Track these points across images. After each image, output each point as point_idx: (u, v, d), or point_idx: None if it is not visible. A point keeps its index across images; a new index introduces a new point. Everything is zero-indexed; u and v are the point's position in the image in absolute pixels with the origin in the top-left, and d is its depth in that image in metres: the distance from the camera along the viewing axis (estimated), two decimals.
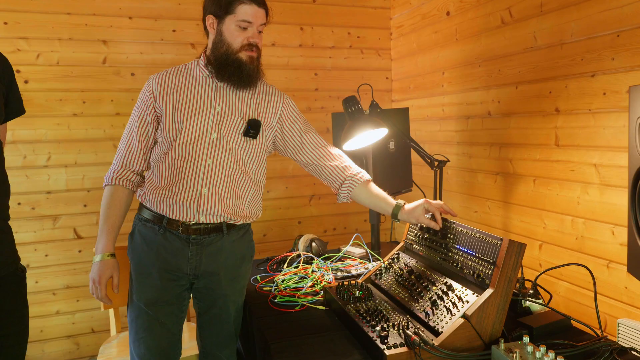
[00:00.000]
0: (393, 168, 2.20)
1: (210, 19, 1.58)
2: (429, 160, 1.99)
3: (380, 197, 1.65)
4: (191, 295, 1.68)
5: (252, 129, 1.63)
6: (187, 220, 1.56)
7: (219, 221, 1.58)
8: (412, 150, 2.22)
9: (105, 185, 1.62)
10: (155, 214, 1.58)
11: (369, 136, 1.91)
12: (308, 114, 3.06)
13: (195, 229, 1.57)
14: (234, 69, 1.56)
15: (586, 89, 1.74)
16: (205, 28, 1.63)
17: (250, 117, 1.63)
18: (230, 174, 1.59)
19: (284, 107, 1.71)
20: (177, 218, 1.56)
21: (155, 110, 1.62)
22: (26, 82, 2.52)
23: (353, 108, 1.90)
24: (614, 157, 1.65)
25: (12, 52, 2.48)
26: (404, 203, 1.61)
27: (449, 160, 2.10)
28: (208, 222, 1.57)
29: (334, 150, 1.73)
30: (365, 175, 1.69)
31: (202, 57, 1.65)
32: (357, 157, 2.14)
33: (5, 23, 2.48)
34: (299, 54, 3.02)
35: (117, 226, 1.60)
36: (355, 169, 1.70)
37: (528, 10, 1.97)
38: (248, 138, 1.62)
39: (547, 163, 1.93)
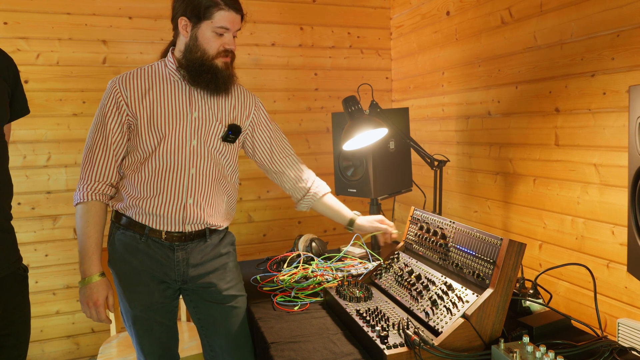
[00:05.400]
0: (393, 168, 2.20)
1: (183, 21, 1.50)
2: (429, 160, 1.99)
3: (336, 209, 1.83)
4: (190, 309, 1.70)
5: (233, 134, 1.62)
6: (172, 230, 1.55)
7: (202, 228, 1.60)
8: (412, 150, 2.22)
9: (78, 203, 1.51)
10: (136, 222, 1.55)
11: (369, 136, 1.90)
12: (308, 114, 3.06)
13: (178, 236, 1.56)
14: (211, 77, 1.51)
15: (586, 88, 1.74)
16: (175, 28, 1.55)
17: (229, 122, 1.62)
18: (214, 181, 1.60)
19: (256, 110, 1.71)
20: (160, 229, 1.55)
21: (128, 117, 1.52)
22: (26, 82, 2.52)
23: (353, 108, 1.89)
24: (614, 157, 1.65)
25: (12, 52, 2.48)
26: (359, 215, 1.82)
27: (449, 160, 2.10)
28: (192, 230, 1.58)
29: (298, 160, 1.81)
30: (325, 188, 1.82)
31: (169, 58, 1.58)
32: (357, 157, 2.14)
33: (5, 23, 2.48)
34: (299, 54, 3.02)
35: (100, 244, 1.52)
36: (317, 181, 1.82)
37: (528, 10, 1.97)
38: (226, 143, 1.62)
39: (547, 163, 1.93)
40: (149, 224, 1.54)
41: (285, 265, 2.01)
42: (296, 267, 1.95)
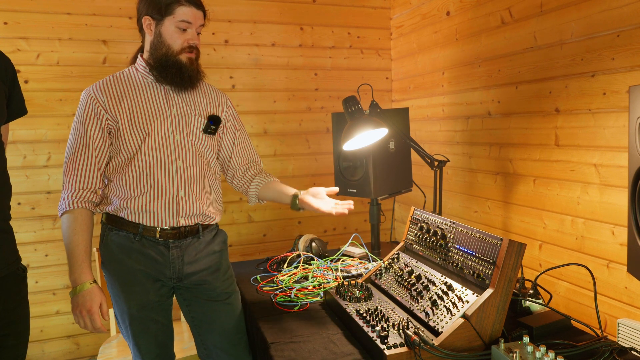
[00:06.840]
0: (393, 168, 2.20)
1: (147, 21, 1.54)
2: (429, 160, 1.99)
3: (280, 190, 1.72)
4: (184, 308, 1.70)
5: (214, 124, 1.66)
6: (166, 225, 1.57)
7: (195, 222, 1.61)
8: (412, 150, 2.22)
9: (63, 213, 1.50)
10: (129, 222, 1.55)
11: (369, 136, 1.90)
12: (308, 114, 3.06)
13: (173, 234, 1.58)
14: (175, 71, 1.55)
15: (586, 89, 1.74)
16: (140, 30, 1.59)
17: (208, 114, 1.66)
18: (201, 173, 1.63)
19: (227, 109, 1.75)
20: (154, 225, 1.56)
21: (108, 121, 1.54)
22: (26, 82, 2.52)
23: (353, 108, 1.89)
24: (614, 157, 1.65)
25: (12, 52, 2.48)
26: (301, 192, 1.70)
27: (449, 160, 2.10)
28: (187, 224, 1.59)
29: (258, 167, 1.80)
30: (273, 177, 1.79)
31: (139, 62, 1.62)
32: (357, 157, 2.14)
33: (5, 23, 2.48)
34: (299, 54, 3.02)
35: (89, 252, 1.52)
36: (264, 172, 1.80)
37: (528, 10, 1.97)
38: (208, 135, 1.65)
39: (547, 163, 1.93)
40: (143, 221, 1.55)
41: (285, 265, 2.01)
42: (296, 267, 1.96)
